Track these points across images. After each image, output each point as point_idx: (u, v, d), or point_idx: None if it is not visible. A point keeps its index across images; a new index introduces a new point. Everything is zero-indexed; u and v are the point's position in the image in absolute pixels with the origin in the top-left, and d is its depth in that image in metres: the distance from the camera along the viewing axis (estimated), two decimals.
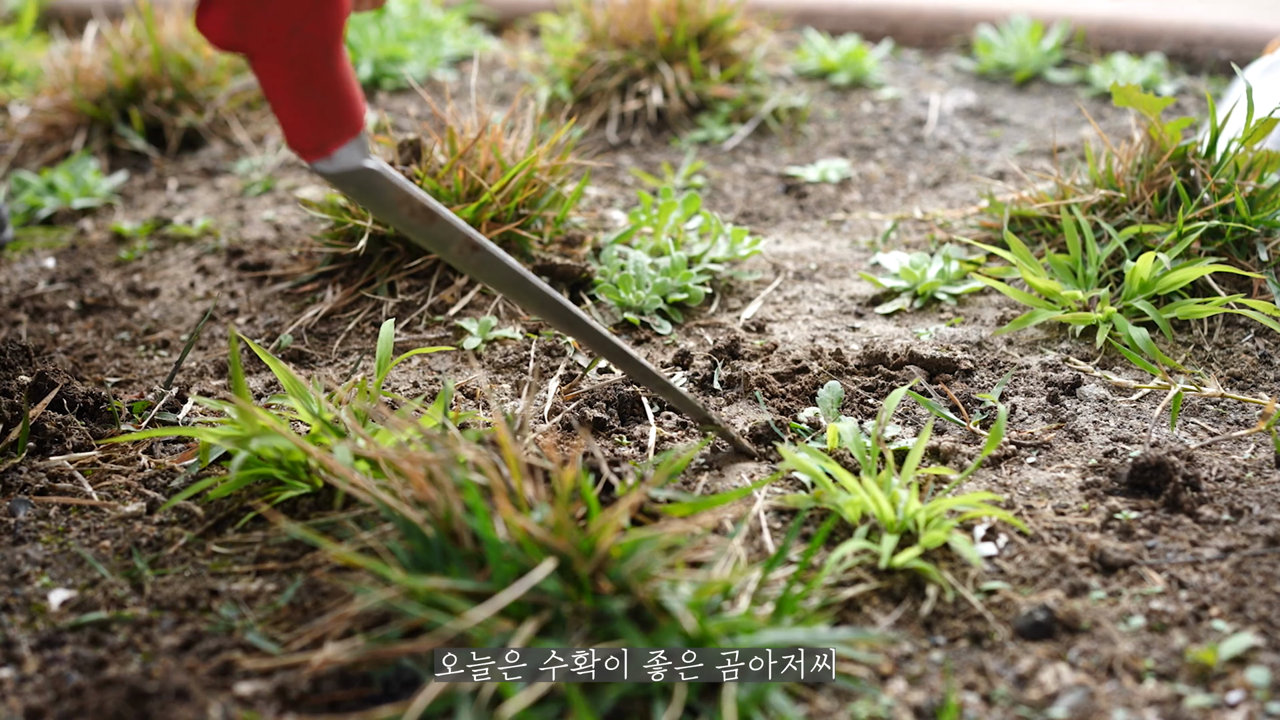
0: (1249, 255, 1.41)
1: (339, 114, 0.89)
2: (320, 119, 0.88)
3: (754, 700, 0.80)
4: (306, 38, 0.85)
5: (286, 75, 0.86)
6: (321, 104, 0.88)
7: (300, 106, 0.87)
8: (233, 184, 2.00)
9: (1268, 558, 0.96)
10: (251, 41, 0.84)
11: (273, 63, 0.85)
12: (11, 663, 0.89)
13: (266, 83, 0.87)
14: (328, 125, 0.89)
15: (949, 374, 1.28)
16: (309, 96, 0.87)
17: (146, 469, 1.15)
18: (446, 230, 0.98)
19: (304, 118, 0.88)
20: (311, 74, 0.86)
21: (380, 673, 0.84)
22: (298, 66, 0.86)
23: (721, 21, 2.17)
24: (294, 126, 0.89)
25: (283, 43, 0.84)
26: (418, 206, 0.96)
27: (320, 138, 0.89)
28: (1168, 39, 2.42)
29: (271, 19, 0.83)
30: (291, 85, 0.86)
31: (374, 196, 0.94)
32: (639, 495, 0.88)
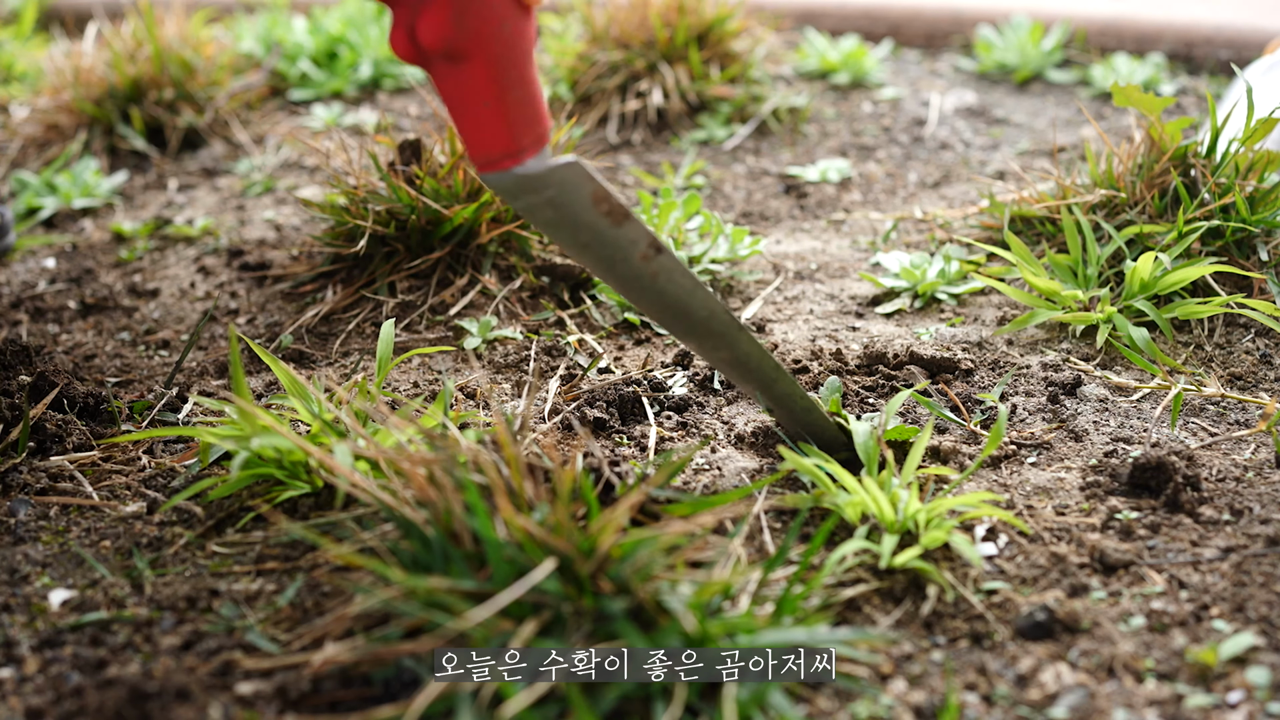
0: (1249, 255, 1.41)
1: (538, 119, 0.89)
2: (522, 123, 0.88)
3: (754, 700, 0.80)
4: (512, 35, 0.86)
5: (498, 75, 0.86)
6: (523, 108, 0.88)
7: (505, 109, 0.87)
8: (233, 184, 2.00)
9: (1268, 558, 0.96)
10: (469, 39, 0.84)
11: (486, 62, 0.85)
12: (12, 663, 0.89)
13: (476, 84, 0.86)
14: (528, 130, 0.89)
15: (949, 374, 1.28)
16: (512, 99, 0.87)
17: (147, 469, 1.15)
18: (636, 230, 0.96)
19: (507, 121, 0.88)
20: (517, 76, 0.87)
21: (381, 673, 0.84)
22: (507, 66, 0.86)
23: (722, 21, 2.17)
24: (495, 131, 0.88)
25: (496, 40, 0.85)
26: (615, 204, 0.93)
27: (520, 143, 0.89)
28: (1168, 39, 2.42)
29: (487, 14, 0.84)
30: (500, 85, 0.86)
31: (571, 196, 0.92)
32: (639, 495, 0.88)
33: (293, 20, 2.68)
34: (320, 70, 2.46)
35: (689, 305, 1.01)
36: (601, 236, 0.95)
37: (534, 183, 0.90)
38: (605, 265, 0.98)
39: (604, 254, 0.96)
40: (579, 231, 0.95)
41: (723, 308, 1.02)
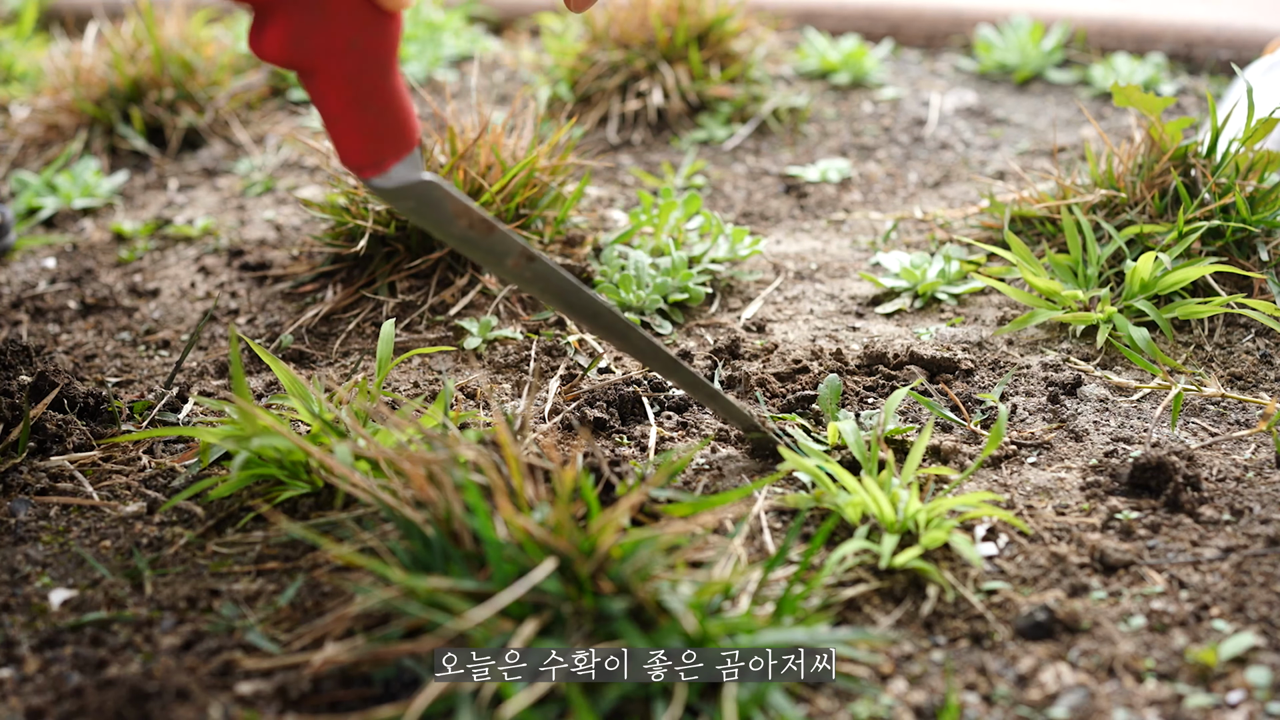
0: (1249, 255, 1.40)
1: (396, 129, 0.89)
2: (378, 135, 0.88)
3: (754, 700, 0.80)
4: (364, 52, 0.84)
5: (345, 92, 0.85)
6: (380, 120, 0.87)
7: (358, 123, 0.87)
8: (233, 184, 2.00)
9: (1268, 558, 0.96)
10: (310, 59, 0.83)
11: (331, 79, 0.85)
12: (12, 663, 0.89)
13: (324, 100, 0.86)
14: (385, 141, 0.89)
15: (949, 374, 1.28)
16: (367, 112, 0.87)
17: (147, 469, 1.15)
18: (504, 242, 0.98)
19: (362, 134, 0.87)
20: (370, 89, 0.86)
21: (381, 673, 0.84)
22: (356, 82, 0.85)
23: (722, 21, 2.17)
24: (351, 143, 0.88)
25: (341, 58, 0.84)
26: (476, 219, 0.95)
27: (378, 154, 0.89)
28: (1168, 39, 2.42)
29: (330, 34, 0.83)
30: (350, 102, 0.86)
31: (432, 210, 0.93)
32: (639, 495, 0.88)
33: None
34: None
35: (573, 301, 1.04)
36: (471, 242, 0.97)
37: (393, 194, 0.91)
38: (483, 263, 1.01)
39: (478, 255, 0.99)
40: (449, 236, 0.97)
41: (606, 307, 1.04)
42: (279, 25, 0.82)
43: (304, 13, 0.82)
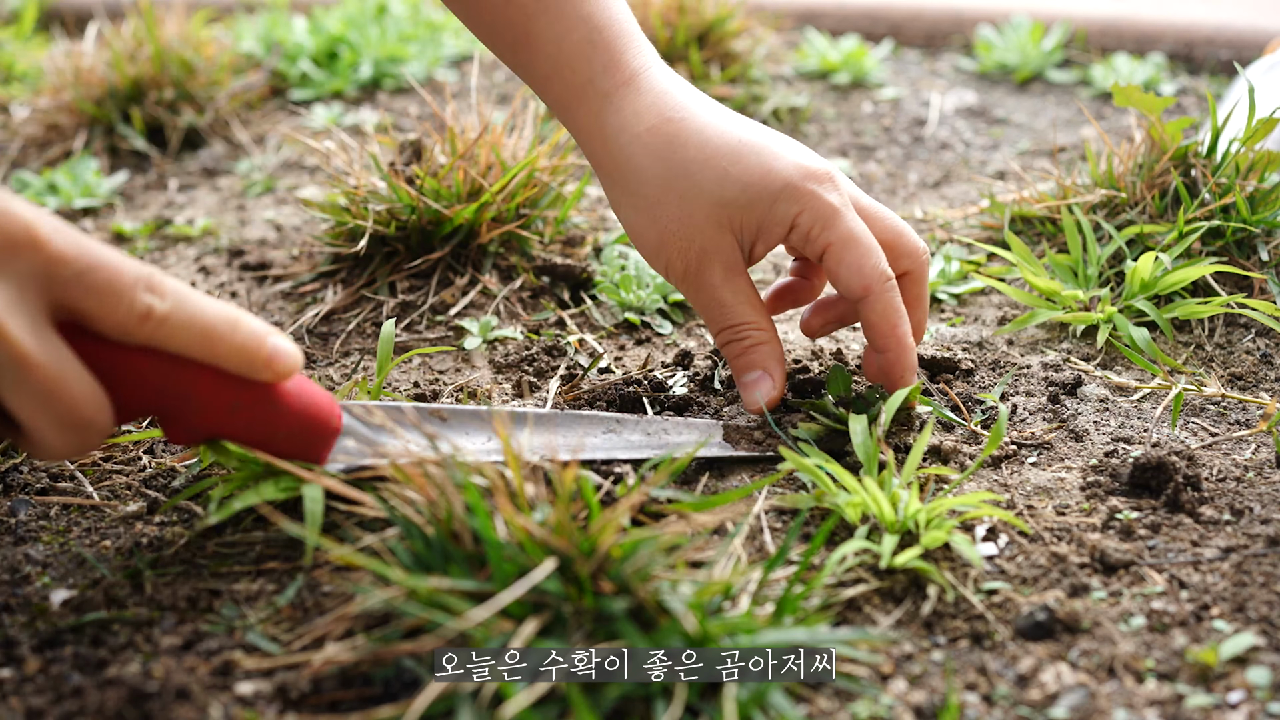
0: (1250, 255, 1.41)
1: (314, 435, 0.95)
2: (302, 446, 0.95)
3: (754, 700, 0.80)
4: (251, 406, 0.90)
5: (254, 436, 0.92)
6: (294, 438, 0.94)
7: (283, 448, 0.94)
8: (234, 184, 2.00)
9: (1269, 558, 0.96)
10: (212, 432, 0.91)
11: (238, 436, 0.92)
12: (12, 663, 0.89)
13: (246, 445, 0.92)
14: (310, 445, 0.95)
15: (950, 374, 1.28)
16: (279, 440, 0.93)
17: (147, 469, 1.15)
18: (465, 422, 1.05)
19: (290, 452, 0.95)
20: (274, 425, 0.92)
21: (381, 673, 0.84)
22: (260, 426, 0.91)
23: (722, 21, 2.17)
24: (286, 456, 0.94)
25: (234, 421, 0.90)
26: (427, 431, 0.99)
27: (311, 456, 0.96)
28: (1168, 39, 2.42)
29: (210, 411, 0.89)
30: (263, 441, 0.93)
31: None
32: (639, 495, 0.88)
33: (293, 20, 2.68)
34: (320, 70, 2.46)
35: None
36: None
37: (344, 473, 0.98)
38: None
39: None
40: None
41: None
42: (170, 425, 0.89)
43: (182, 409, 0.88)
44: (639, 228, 1.08)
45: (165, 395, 0.86)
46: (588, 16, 1.07)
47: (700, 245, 1.05)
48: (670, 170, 1.04)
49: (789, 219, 1.03)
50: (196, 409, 0.88)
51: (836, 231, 1.03)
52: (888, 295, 1.05)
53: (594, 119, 1.08)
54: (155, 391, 0.86)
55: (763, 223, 1.04)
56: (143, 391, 0.85)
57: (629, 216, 1.09)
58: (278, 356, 0.87)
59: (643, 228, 1.08)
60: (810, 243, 1.05)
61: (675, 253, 1.06)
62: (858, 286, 1.04)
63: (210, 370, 0.86)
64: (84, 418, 0.82)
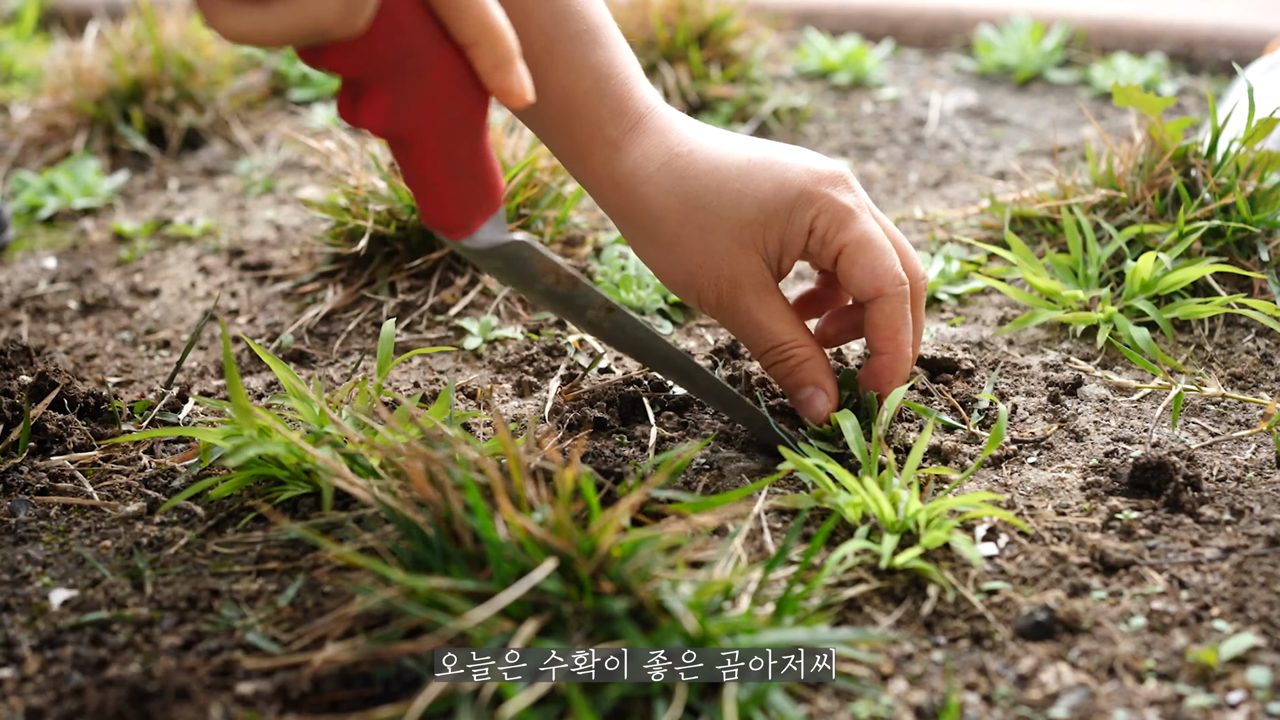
0: (1250, 255, 1.40)
1: (485, 191, 0.89)
2: (469, 197, 0.88)
3: (754, 700, 0.80)
4: (460, 119, 0.83)
5: (441, 157, 0.85)
6: (471, 182, 0.87)
7: (451, 188, 0.87)
8: (234, 184, 2.00)
9: (1269, 558, 0.96)
10: (408, 128, 0.83)
11: (426, 148, 0.84)
12: (12, 663, 0.90)
13: (419, 166, 0.85)
14: (474, 203, 0.89)
15: (950, 374, 1.28)
16: (460, 176, 0.86)
17: (147, 469, 1.15)
18: (587, 296, 0.99)
19: (454, 199, 0.87)
20: (463, 156, 0.86)
21: (381, 673, 0.84)
22: (451, 150, 0.85)
23: (722, 21, 2.17)
24: (442, 208, 0.88)
25: (437, 127, 0.83)
26: (563, 274, 0.97)
27: (468, 215, 0.89)
28: (1169, 39, 2.42)
29: (429, 101, 0.81)
30: (445, 166, 0.85)
31: (519, 269, 0.95)
32: (640, 495, 0.88)
33: None
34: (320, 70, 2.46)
35: (649, 350, 1.07)
36: (553, 296, 0.99)
37: (481, 254, 0.92)
38: (562, 315, 1.03)
39: (559, 309, 1.01)
40: (530, 290, 0.98)
41: (678, 352, 1.08)
42: (379, 97, 0.81)
43: (404, 84, 0.80)
44: (664, 266, 1.08)
45: (407, 57, 0.79)
46: (596, 65, 1.04)
47: (729, 273, 1.05)
48: (686, 204, 1.03)
49: (807, 224, 1.03)
50: (421, 88, 0.80)
51: (851, 233, 1.03)
52: (898, 298, 1.04)
53: (604, 166, 1.07)
54: (402, 51, 0.79)
55: (784, 235, 1.04)
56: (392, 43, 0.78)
57: (653, 256, 1.08)
58: (523, 78, 0.81)
59: (668, 266, 1.07)
60: (826, 245, 1.04)
61: (706, 285, 1.06)
62: (870, 287, 1.04)
63: (456, 59, 0.80)
64: None
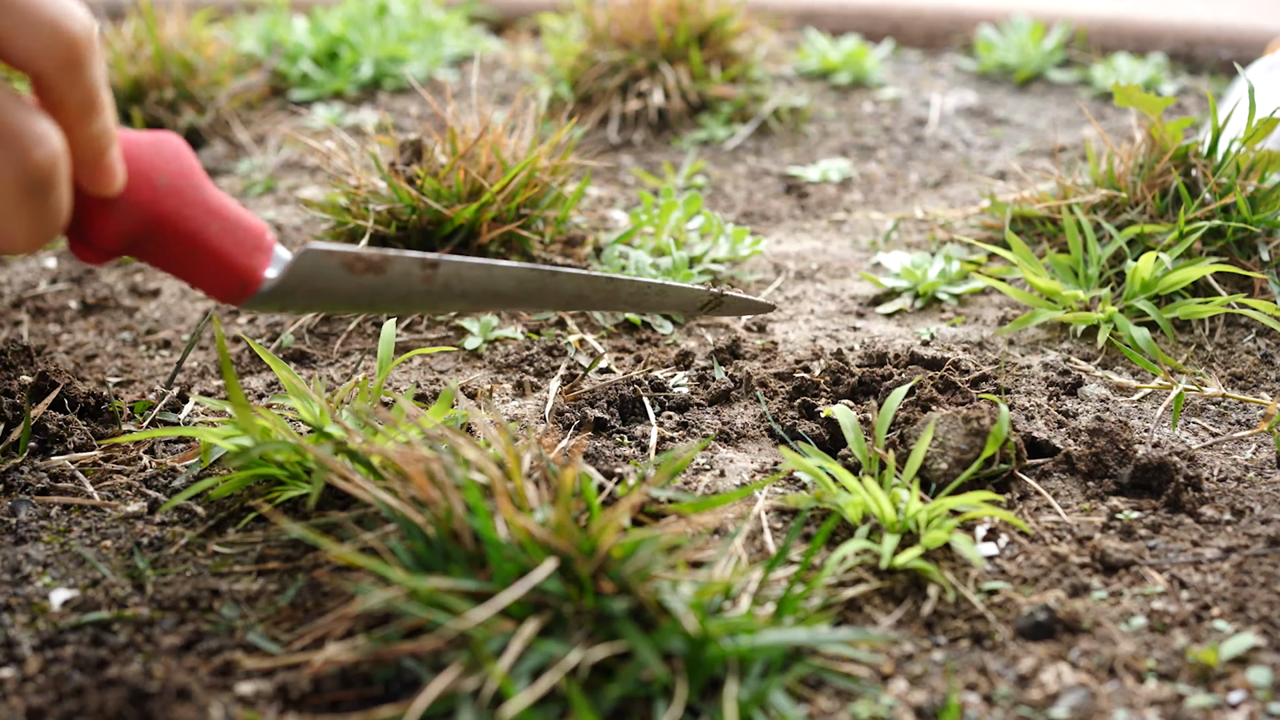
0: (1250, 255, 1.40)
1: (248, 234, 0.87)
2: (238, 249, 0.87)
3: (755, 700, 0.80)
4: (175, 181, 0.83)
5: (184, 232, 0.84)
6: (230, 235, 0.86)
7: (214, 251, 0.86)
8: (234, 184, 2.00)
9: (1269, 558, 0.96)
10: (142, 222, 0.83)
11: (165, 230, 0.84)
12: (13, 662, 0.89)
13: (172, 252, 0.85)
14: (248, 252, 0.87)
15: (938, 370, 1.28)
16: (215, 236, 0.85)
17: (148, 469, 1.15)
18: (404, 264, 0.93)
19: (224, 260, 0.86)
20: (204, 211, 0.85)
21: (381, 673, 0.84)
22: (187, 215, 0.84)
23: (723, 21, 2.17)
24: (225, 269, 0.87)
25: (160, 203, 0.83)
26: (368, 255, 0.92)
27: (252, 263, 0.88)
28: (1169, 39, 2.42)
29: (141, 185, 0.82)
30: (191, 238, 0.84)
31: (325, 275, 0.91)
32: (640, 495, 0.88)
33: (293, 20, 2.68)
34: (321, 70, 2.46)
35: (498, 288, 0.99)
36: (375, 290, 0.93)
37: (284, 287, 0.89)
38: (398, 307, 0.97)
39: (388, 303, 0.95)
40: (354, 299, 0.93)
41: (527, 267, 0.99)
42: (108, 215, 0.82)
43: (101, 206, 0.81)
44: None
45: None
46: None
47: None
48: None
49: None
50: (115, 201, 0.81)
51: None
52: None
53: None
54: None
55: None
56: None
57: None
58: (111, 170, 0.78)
59: None
60: None
61: None
62: None
63: None
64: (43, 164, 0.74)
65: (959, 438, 1.06)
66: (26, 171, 0.76)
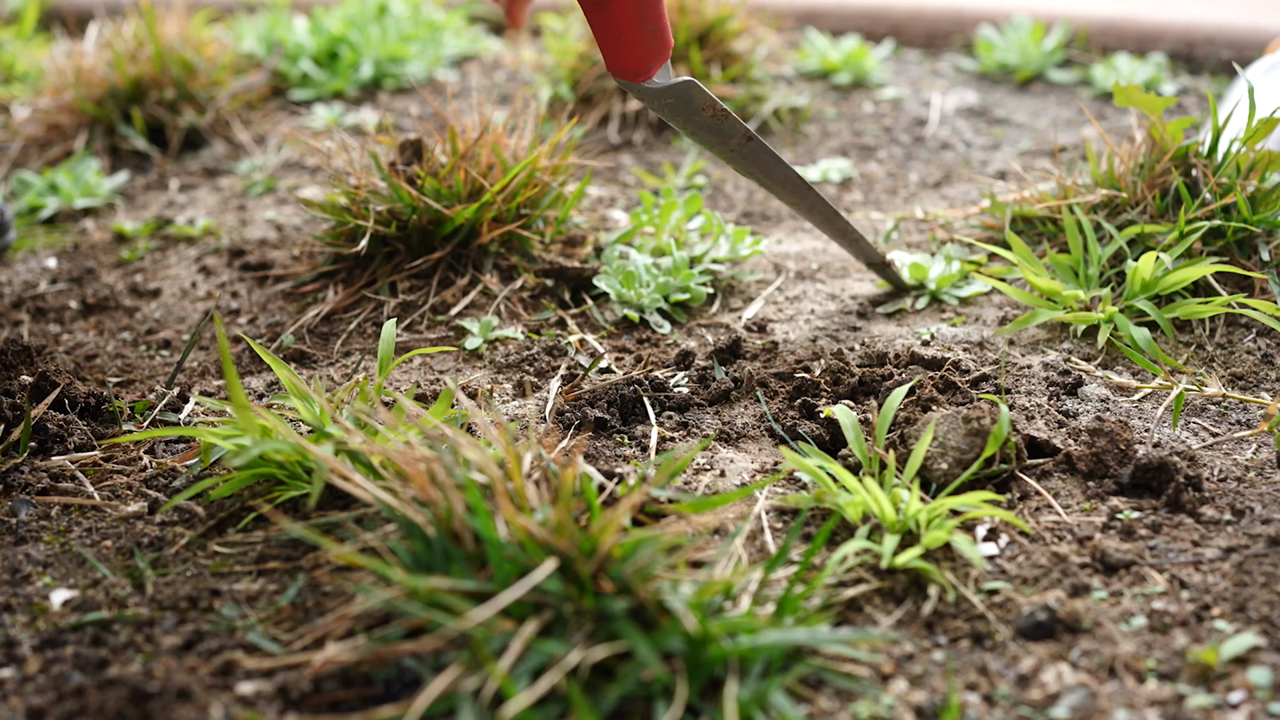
0: (1250, 255, 1.40)
1: (661, 43, 1.12)
2: (650, 48, 1.12)
3: (755, 700, 0.80)
4: None
5: (634, 18, 1.09)
6: (651, 37, 1.11)
7: (640, 41, 1.11)
8: (234, 184, 2.00)
9: (1269, 558, 0.96)
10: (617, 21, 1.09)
11: (625, 9, 1.09)
12: (13, 662, 0.90)
13: (616, 24, 1.10)
14: (654, 53, 1.12)
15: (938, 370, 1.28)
16: (644, 32, 1.10)
17: (148, 469, 1.15)
18: (733, 126, 1.24)
19: (641, 50, 1.12)
20: (651, 13, 1.10)
21: (382, 673, 0.84)
22: (643, 9, 1.09)
23: (723, 21, 2.17)
24: (631, 57, 1.12)
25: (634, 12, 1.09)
26: (718, 109, 1.22)
27: (647, 62, 1.13)
28: (1169, 39, 2.42)
29: None
30: (636, 24, 1.10)
31: (685, 104, 1.20)
32: (640, 495, 0.88)
33: (294, 20, 2.68)
34: (321, 70, 2.46)
35: (772, 174, 1.33)
36: (707, 126, 1.24)
37: (657, 93, 1.17)
38: (711, 145, 1.28)
39: (709, 139, 1.26)
40: (690, 123, 1.23)
41: (796, 175, 1.33)
42: None
43: None
44: None
45: None
46: None
47: None
48: None
49: None
50: None
51: None
52: None
53: None
54: None
55: None
56: None
57: None
58: None
59: None
60: None
61: None
62: None
63: None
64: None
65: (959, 438, 1.06)
66: None
